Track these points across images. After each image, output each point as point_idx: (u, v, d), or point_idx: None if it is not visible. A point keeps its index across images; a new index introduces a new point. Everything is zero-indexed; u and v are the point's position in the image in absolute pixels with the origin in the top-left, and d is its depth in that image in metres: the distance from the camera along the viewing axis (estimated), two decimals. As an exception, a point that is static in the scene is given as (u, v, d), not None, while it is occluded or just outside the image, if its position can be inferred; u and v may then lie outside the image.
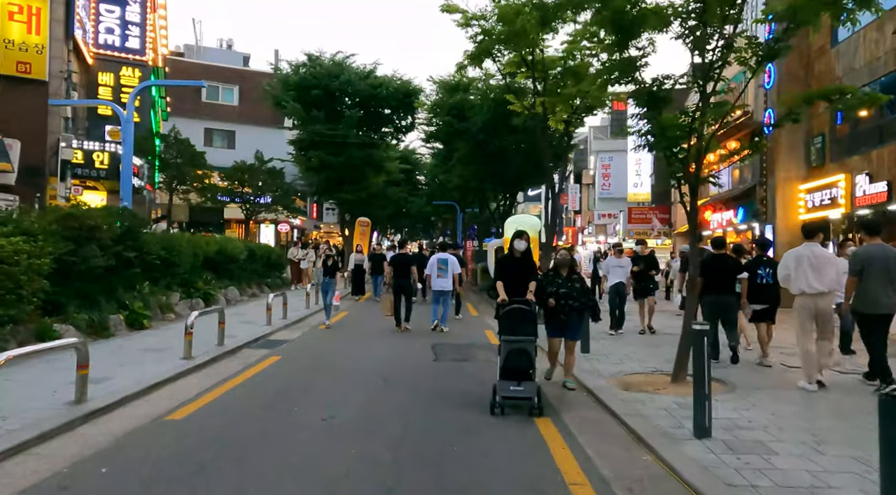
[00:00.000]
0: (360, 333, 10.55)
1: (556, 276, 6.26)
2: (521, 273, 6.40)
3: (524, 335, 5.41)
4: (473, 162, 18.84)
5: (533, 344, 5.44)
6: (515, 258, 6.56)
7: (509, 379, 5.31)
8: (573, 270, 6.42)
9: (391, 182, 31.71)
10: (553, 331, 6.27)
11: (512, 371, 5.32)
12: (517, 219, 15.45)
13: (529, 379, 5.33)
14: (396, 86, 23.98)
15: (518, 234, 6.62)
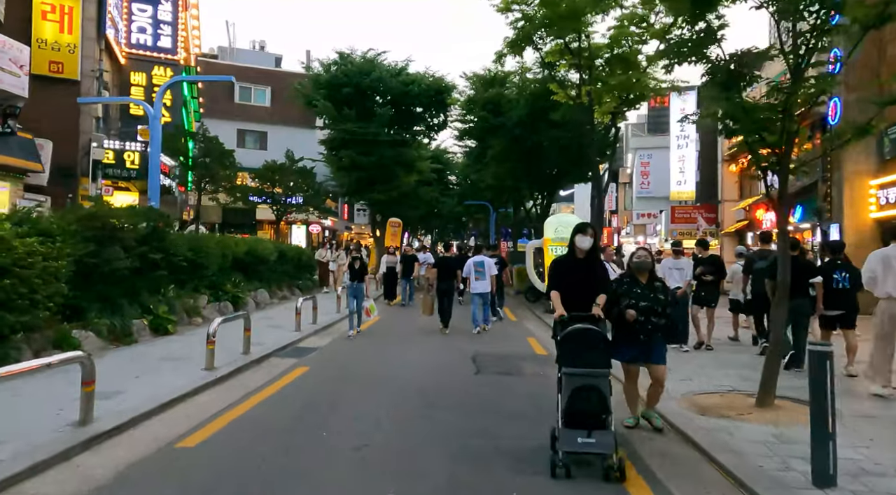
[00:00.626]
0: (393, 339, 9.89)
1: (632, 284, 4.76)
2: (585, 279, 4.64)
3: (594, 365, 4.04)
4: (509, 159, 18.03)
5: (606, 378, 4.06)
6: (577, 260, 4.74)
7: (575, 427, 3.91)
8: (654, 276, 4.91)
9: (422, 182, 31.11)
10: (630, 356, 4.74)
11: (579, 416, 3.93)
12: (558, 219, 14.58)
13: (603, 427, 3.92)
14: (428, 83, 23.33)
15: (581, 229, 4.78)
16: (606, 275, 4.84)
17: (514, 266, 21.65)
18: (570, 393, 4.00)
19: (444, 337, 10.30)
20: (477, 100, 17.03)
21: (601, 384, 4.01)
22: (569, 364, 4.08)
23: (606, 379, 4.06)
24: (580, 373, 4.03)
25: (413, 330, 10.73)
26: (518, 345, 9.57)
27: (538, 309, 14.95)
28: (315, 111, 22.85)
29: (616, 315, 4.65)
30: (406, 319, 12.54)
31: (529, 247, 15.75)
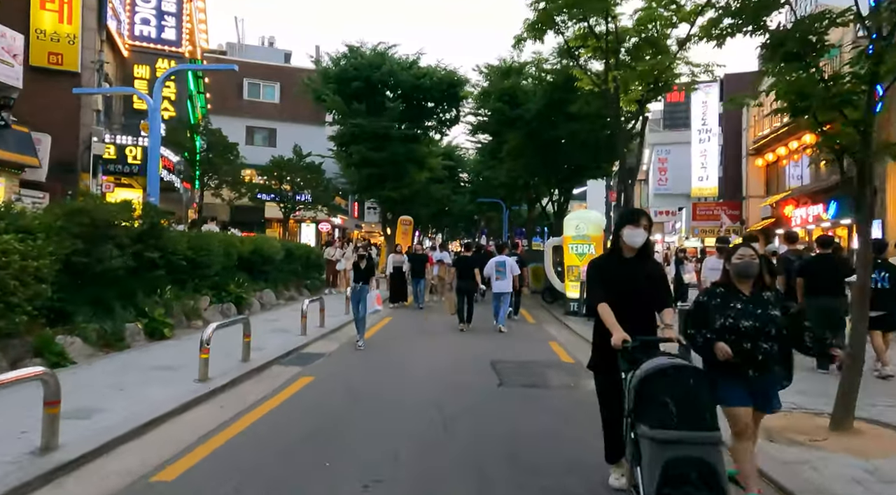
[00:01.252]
0: (404, 346, 9.19)
1: (728, 296, 3.36)
2: (641, 286, 3.47)
3: (700, 425, 2.66)
4: (524, 154, 17.28)
5: (717, 447, 2.70)
6: (624, 260, 3.56)
7: None
8: (764, 283, 3.47)
9: (434, 179, 30.47)
10: (736, 396, 3.27)
11: None
12: (579, 216, 13.83)
13: None
14: (440, 76, 22.63)
15: (631, 218, 3.56)
16: (666, 281, 3.72)
17: (530, 265, 20.93)
18: (663, 470, 2.60)
19: (460, 341, 9.60)
20: (492, 91, 16.29)
21: (713, 458, 2.63)
22: (659, 422, 2.67)
23: (717, 448, 2.69)
24: (679, 439, 2.63)
25: (425, 335, 10.02)
26: (540, 350, 8.82)
27: (557, 310, 14.19)
28: (324, 106, 22.23)
29: (703, 344, 3.28)
30: (417, 323, 11.79)
31: (548, 246, 14.99)
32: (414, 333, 10.49)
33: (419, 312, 13.76)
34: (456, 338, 9.90)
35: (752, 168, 21.30)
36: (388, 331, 10.64)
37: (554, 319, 12.84)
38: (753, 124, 21.14)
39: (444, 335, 10.27)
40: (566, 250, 13.74)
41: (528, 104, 15.90)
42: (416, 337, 10.08)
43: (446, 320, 11.90)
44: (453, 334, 10.37)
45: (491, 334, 10.42)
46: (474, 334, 10.43)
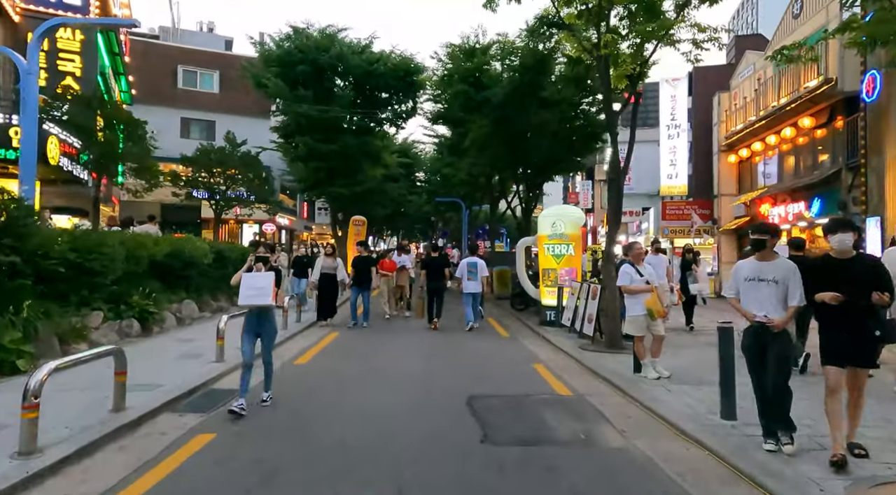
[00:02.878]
0: (347, 380, 7.20)
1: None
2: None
3: None
4: (490, 144, 15.56)
5: None
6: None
7: None
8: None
9: (389, 177, 28.53)
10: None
11: None
12: (557, 212, 12.18)
13: None
14: (395, 62, 20.69)
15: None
16: None
17: (494, 268, 19.25)
18: None
19: (425, 365, 7.69)
20: (454, 73, 14.49)
21: None
22: None
23: None
24: None
25: (375, 364, 7.95)
26: (526, 376, 7.01)
27: (530, 319, 12.48)
28: (265, 91, 19.85)
29: None
30: (363, 348, 9.03)
31: (520, 246, 13.28)
32: (358, 363, 8.50)
33: (364, 334, 10.52)
34: (420, 361, 7.98)
35: (724, 165, 20.36)
36: (329, 357, 8.60)
37: (530, 331, 11.10)
38: (725, 119, 20.22)
39: (403, 357, 8.34)
40: (541, 251, 12.07)
41: (495, 88, 14.18)
42: (363, 368, 8.09)
43: (405, 338, 10.01)
44: (414, 356, 8.45)
45: (463, 353, 8.58)
46: (442, 355, 8.56)
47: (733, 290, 4.39)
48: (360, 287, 11.46)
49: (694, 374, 6.75)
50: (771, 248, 4.25)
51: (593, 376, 6.97)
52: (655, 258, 9.45)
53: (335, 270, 11.26)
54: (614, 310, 8.76)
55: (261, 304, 5.32)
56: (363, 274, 11.46)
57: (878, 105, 12.07)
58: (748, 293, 4.27)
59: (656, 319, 6.61)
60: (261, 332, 5.50)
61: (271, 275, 5.38)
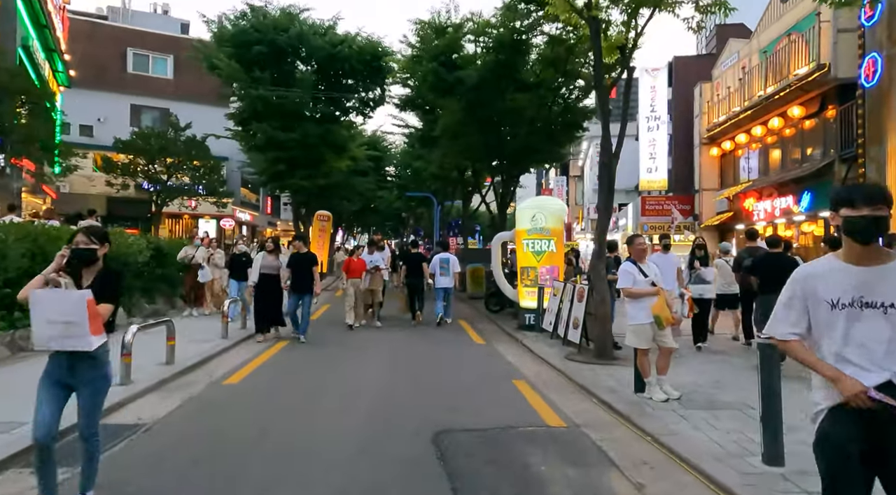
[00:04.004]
0: (288, 403, 5.87)
1: None
2: None
3: None
4: (463, 133, 14.32)
5: None
6: None
7: None
8: None
9: (357, 171, 27.07)
10: None
11: None
12: (537, 204, 11.02)
13: None
14: (361, 45, 19.29)
15: None
16: None
17: (467, 266, 18.05)
18: None
19: (382, 386, 6.40)
20: (426, 51, 13.17)
21: None
22: None
23: None
24: None
25: (325, 384, 6.37)
26: (505, 397, 5.78)
27: (506, 322, 11.30)
28: (217, 73, 18.18)
29: None
30: (313, 363, 7.41)
31: (496, 242, 12.07)
32: (313, 375, 7.16)
33: (304, 349, 8.41)
34: (379, 379, 6.69)
35: (706, 158, 19.58)
36: (267, 375, 7.22)
37: (507, 337, 9.90)
38: (707, 110, 19.43)
39: (360, 374, 7.03)
40: (519, 247, 10.89)
41: (468, 68, 12.93)
42: (316, 380, 6.76)
43: (365, 350, 8.71)
44: (374, 372, 7.15)
45: (431, 367, 7.31)
46: (407, 369, 7.28)
47: (792, 325, 2.19)
48: (298, 292, 8.99)
49: (704, 393, 5.64)
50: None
51: (586, 396, 5.78)
52: (663, 257, 7.67)
53: (279, 270, 9.06)
54: (605, 314, 7.63)
55: (71, 349, 2.96)
56: (302, 275, 9.03)
57: (878, 90, 11.23)
58: (837, 331, 2.09)
59: (665, 328, 5.46)
60: (76, 388, 3.11)
61: (87, 294, 2.92)
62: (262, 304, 8.93)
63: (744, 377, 6.40)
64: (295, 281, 9.03)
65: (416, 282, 11.47)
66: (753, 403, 5.23)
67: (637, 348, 5.56)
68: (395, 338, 9.45)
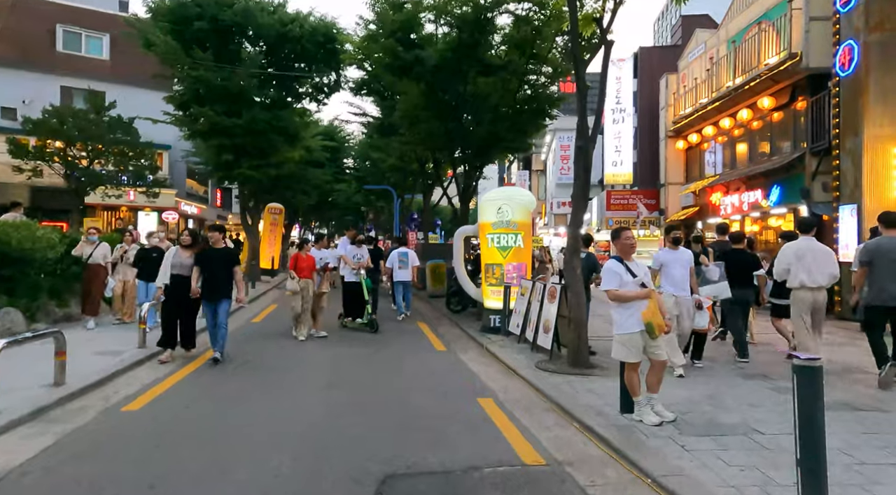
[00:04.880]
0: (200, 435, 4.75)
1: None
2: None
3: None
4: (423, 119, 13.27)
5: None
6: None
7: None
8: None
9: (313, 163, 25.67)
10: None
11: None
12: (504, 195, 10.08)
13: None
14: (314, 25, 17.96)
15: None
16: None
17: (428, 262, 17.07)
18: None
19: (320, 420, 5.35)
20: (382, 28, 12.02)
21: None
22: None
23: None
24: None
25: (251, 408, 5.16)
26: (470, 424, 4.82)
27: (469, 323, 10.37)
28: (152, 50, 16.52)
29: None
30: (239, 382, 6.11)
31: (458, 236, 11.09)
32: (237, 397, 6.03)
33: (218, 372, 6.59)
34: (317, 399, 5.62)
35: (671, 151, 19.18)
36: (178, 398, 6.03)
37: (471, 341, 8.96)
38: (673, 102, 19.01)
39: (293, 394, 5.94)
40: (484, 242, 9.97)
41: (428, 48, 11.87)
42: (240, 404, 5.64)
43: (304, 362, 7.63)
44: (310, 390, 6.08)
45: (382, 383, 6.29)
46: (351, 386, 6.24)
47: None
48: (210, 299, 6.99)
49: (700, 413, 4.83)
50: None
51: (565, 419, 4.89)
52: (673, 254, 6.43)
53: (189, 269, 7.06)
54: (580, 317, 6.78)
55: None
56: (215, 278, 6.98)
57: (854, 79, 10.81)
58: None
59: (657, 337, 4.61)
60: None
61: None
62: (170, 314, 7.05)
63: (737, 388, 5.66)
64: (206, 285, 6.97)
65: (373, 279, 10.73)
66: (759, 426, 4.48)
67: (626, 363, 4.70)
68: (343, 351, 8.01)
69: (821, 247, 6.31)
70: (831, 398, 4.51)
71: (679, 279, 6.35)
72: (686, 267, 6.42)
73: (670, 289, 6.31)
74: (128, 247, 9.79)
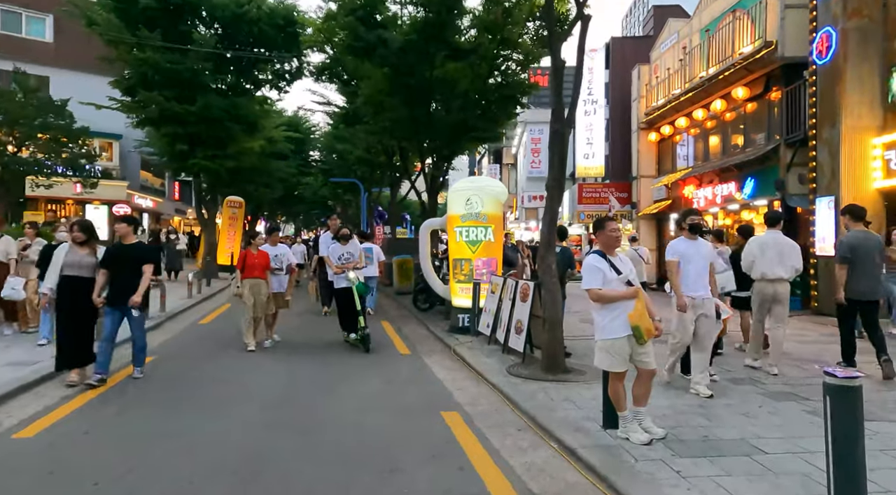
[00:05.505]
0: (97, 477, 3.96)
1: None
2: None
3: None
4: (388, 107, 12.50)
5: None
6: None
7: None
8: None
9: (276, 155, 24.58)
10: None
11: None
12: (473, 185, 9.43)
13: None
14: (272, 6, 16.97)
15: None
16: None
17: (395, 258, 16.33)
18: None
19: (246, 465, 4.59)
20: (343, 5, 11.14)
21: None
22: None
23: None
24: None
25: (153, 452, 3.94)
26: (432, 447, 4.14)
27: (435, 322, 9.72)
28: (94, 30, 15.28)
29: None
30: (157, 406, 5.07)
31: (424, 229, 10.38)
32: (155, 425, 5.21)
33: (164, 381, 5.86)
34: (238, 444, 4.86)
35: (644, 143, 18.84)
36: (76, 429, 5.17)
37: (437, 343, 8.30)
38: (645, 94, 18.67)
39: (212, 437, 5.16)
40: (452, 236, 9.30)
41: (392, 29, 11.10)
42: (142, 443, 4.84)
43: (243, 376, 6.86)
44: (236, 432, 5.29)
45: (333, 397, 5.56)
46: (296, 406, 5.49)
47: None
48: (115, 305, 5.69)
49: (692, 427, 4.27)
50: None
51: (541, 437, 4.27)
52: (691, 245, 5.27)
53: (94, 272, 5.73)
54: (555, 317, 6.18)
55: None
56: (123, 280, 5.67)
57: (831, 68, 10.50)
58: None
59: (646, 343, 4.02)
60: None
61: None
62: (64, 326, 5.66)
63: (727, 396, 5.13)
64: (113, 289, 5.67)
65: None
66: (761, 443, 3.93)
67: (610, 372, 4.09)
68: (294, 360, 7.04)
69: (786, 240, 6.22)
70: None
71: (695, 276, 5.20)
72: (706, 261, 5.31)
73: (687, 290, 5.21)
74: (30, 242, 8.25)
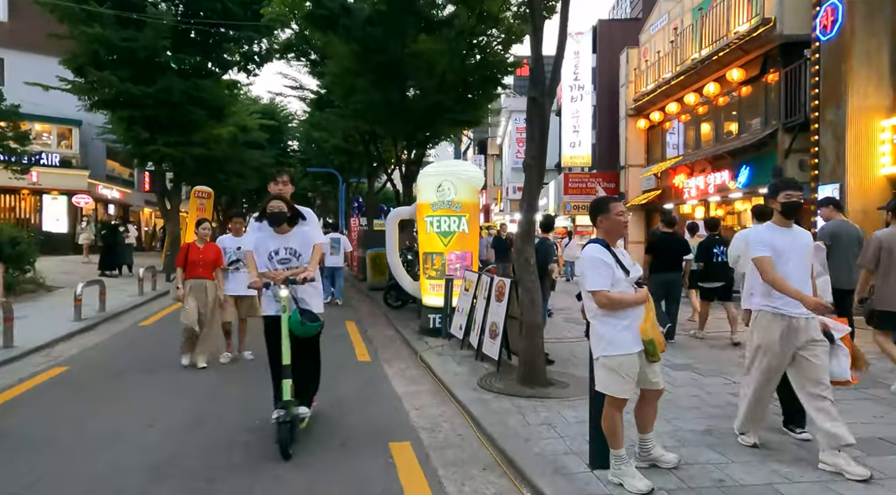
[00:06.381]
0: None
1: None
2: None
3: None
4: (359, 88, 11.48)
5: None
6: None
7: None
8: None
9: (251, 143, 23.42)
10: None
11: None
12: (446, 169, 8.44)
13: None
14: (238, -19, 15.77)
15: None
16: None
17: (369, 251, 15.34)
18: None
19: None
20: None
21: None
22: None
23: None
24: None
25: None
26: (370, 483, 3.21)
27: (404, 321, 8.78)
28: (39, 4, 14.01)
29: None
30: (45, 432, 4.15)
31: (391, 219, 9.35)
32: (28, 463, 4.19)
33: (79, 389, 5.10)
34: (151, 465, 3.89)
35: (632, 131, 18.01)
36: None
37: (403, 346, 7.36)
38: (634, 79, 17.81)
39: (117, 451, 4.18)
40: (421, 227, 8.34)
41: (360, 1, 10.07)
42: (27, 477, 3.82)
43: (160, 393, 5.86)
44: (132, 468, 4.31)
45: (251, 430, 4.59)
46: (193, 466, 4.52)
47: None
48: None
49: (701, 466, 3.36)
50: None
51: (512, 480, 3.35)
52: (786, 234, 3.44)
53: None
54: (534, 320, 5.27)
55: None
56: None
57: (837, 44, 9.67)
58: None
59: (658, 359, 3.11)
60: None
61: None
62: None
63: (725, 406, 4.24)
64: None
65: None
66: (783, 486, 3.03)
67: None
68: (228, 380, 5.69)
69: None
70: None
71: (794, 269, 3.36)
72: (807, 262, 3.49)
73: (772, 305, 3.41)
74: None
